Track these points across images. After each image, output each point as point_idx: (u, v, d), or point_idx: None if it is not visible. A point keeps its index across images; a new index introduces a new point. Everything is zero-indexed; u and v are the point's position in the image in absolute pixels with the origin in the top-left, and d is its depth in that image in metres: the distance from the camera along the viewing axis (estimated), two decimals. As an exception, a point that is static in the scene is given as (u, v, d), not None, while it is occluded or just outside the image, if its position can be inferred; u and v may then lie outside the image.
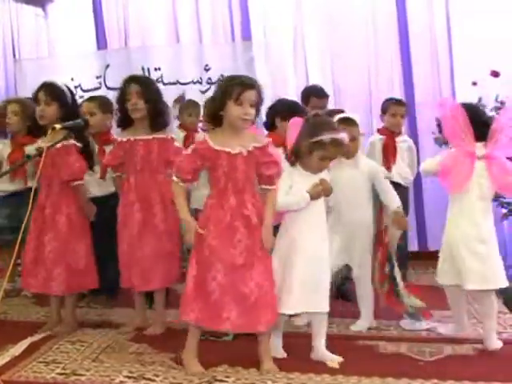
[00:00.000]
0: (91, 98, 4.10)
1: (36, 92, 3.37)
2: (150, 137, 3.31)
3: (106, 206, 3.58)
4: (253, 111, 2.73)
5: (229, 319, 2.69)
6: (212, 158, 2.75)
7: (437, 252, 3.23)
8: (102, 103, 4.00)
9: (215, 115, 2.78)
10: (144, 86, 3.30)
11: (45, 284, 3.34)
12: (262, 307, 2.71)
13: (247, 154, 2.75)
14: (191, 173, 2.79)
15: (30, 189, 3.53)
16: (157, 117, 3.30)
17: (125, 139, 3.33)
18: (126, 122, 3.36)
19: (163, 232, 3.30)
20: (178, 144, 3.48)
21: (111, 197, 3.68)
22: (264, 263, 2.77)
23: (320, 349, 2.94)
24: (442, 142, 4.32)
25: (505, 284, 3.04)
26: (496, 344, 3.03)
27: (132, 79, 3.35)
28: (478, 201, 3.05)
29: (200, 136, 4.13)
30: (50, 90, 3.35)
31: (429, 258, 4.18)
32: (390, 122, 4.36)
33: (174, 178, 2.80)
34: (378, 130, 4.48)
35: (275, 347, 2.96)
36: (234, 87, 2.70)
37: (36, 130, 3.46)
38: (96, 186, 3.82)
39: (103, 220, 3.48)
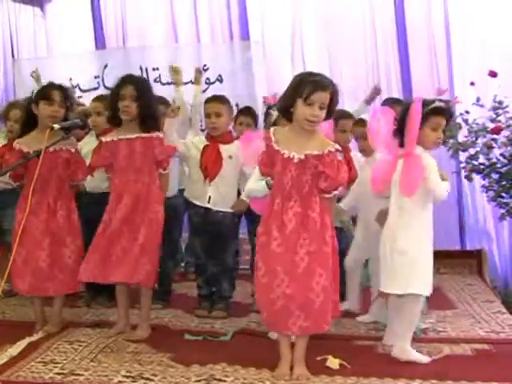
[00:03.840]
0: (98, 98, 3.98)
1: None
2: (133, 136, 3.24)
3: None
4: (322, 113, 2.59)
5: (295, 324, 2.62)
6: (273, 155, 2.70)
7: (436, 252, 3.21)
8: None
9: (286, 110, 2.67)
10: (140, 89, 3.22)
11: (68, 285, 3.35)
12: (327, 308, 2.66)
13: (298, 161, 2.63)
14: (264, 165, 2.78)
15: (13, 189, 3.57)
16: (147, 119, 3.23)
17: (109, 139, 3.29)
18: (116, 120, 3.29)
19: (139, 230, 3.20)
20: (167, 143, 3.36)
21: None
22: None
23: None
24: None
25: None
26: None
27: (129, 81, 3.26)
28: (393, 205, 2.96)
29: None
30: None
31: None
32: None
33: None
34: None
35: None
36: (306, 85, 2.57)
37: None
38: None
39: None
